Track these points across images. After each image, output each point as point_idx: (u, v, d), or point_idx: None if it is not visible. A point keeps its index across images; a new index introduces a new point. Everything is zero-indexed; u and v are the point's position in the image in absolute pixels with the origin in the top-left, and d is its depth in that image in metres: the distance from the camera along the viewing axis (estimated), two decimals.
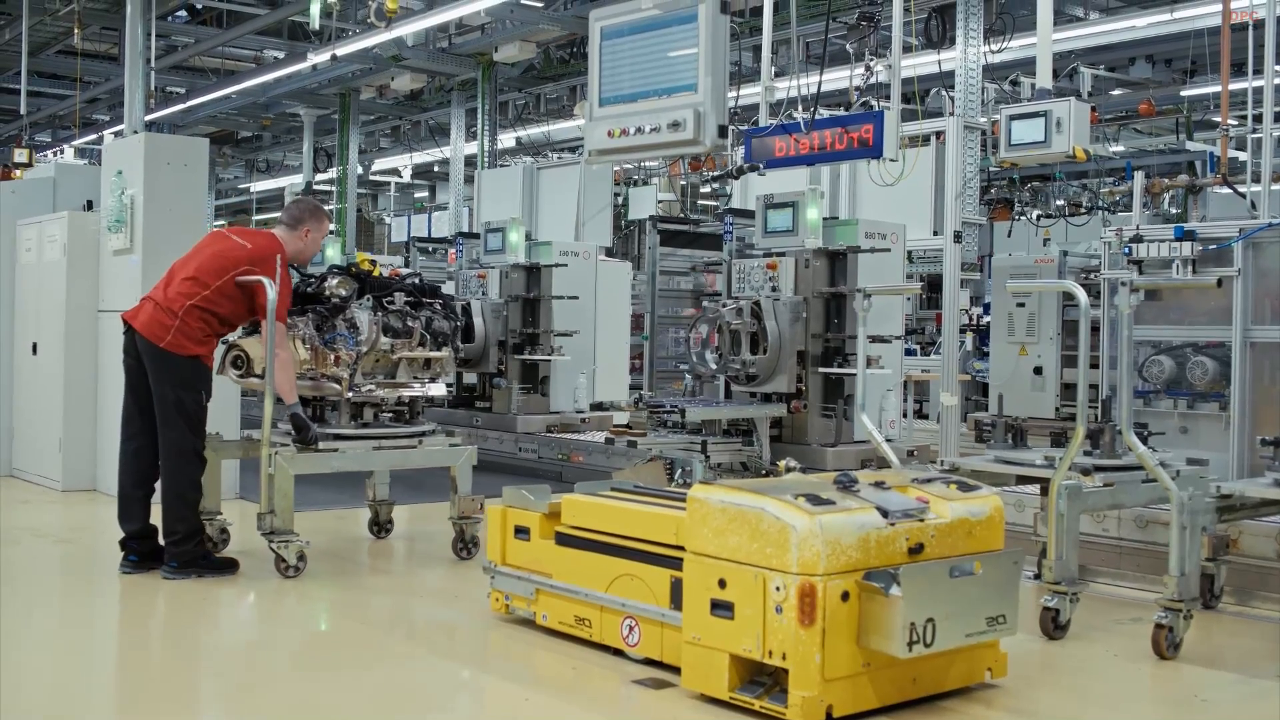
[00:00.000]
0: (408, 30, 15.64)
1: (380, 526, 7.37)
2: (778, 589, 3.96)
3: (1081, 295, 5.20)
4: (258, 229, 6.57)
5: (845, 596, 3.97)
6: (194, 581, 6.10)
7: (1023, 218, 17.11)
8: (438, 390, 7.00)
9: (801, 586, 3.91)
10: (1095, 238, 10.87)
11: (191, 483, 6.25)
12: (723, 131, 5.36)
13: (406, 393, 6.88)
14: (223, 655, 5.20)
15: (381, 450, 6.71)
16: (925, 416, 14.73)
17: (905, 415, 11.42)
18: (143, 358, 6.24)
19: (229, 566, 6.31)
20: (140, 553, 6.29)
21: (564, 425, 10.47)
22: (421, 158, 25.17)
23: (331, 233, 7.52)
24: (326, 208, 30.00)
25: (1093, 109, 6.98)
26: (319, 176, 24.51)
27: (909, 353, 13.81)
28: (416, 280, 7.22)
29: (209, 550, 6.37)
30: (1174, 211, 14.07)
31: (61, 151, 22.37)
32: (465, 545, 6.77)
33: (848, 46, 8.10)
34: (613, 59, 5.73)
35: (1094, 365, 8.87)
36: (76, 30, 14.04)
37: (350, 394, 6.63)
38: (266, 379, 6.15)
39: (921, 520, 4.24)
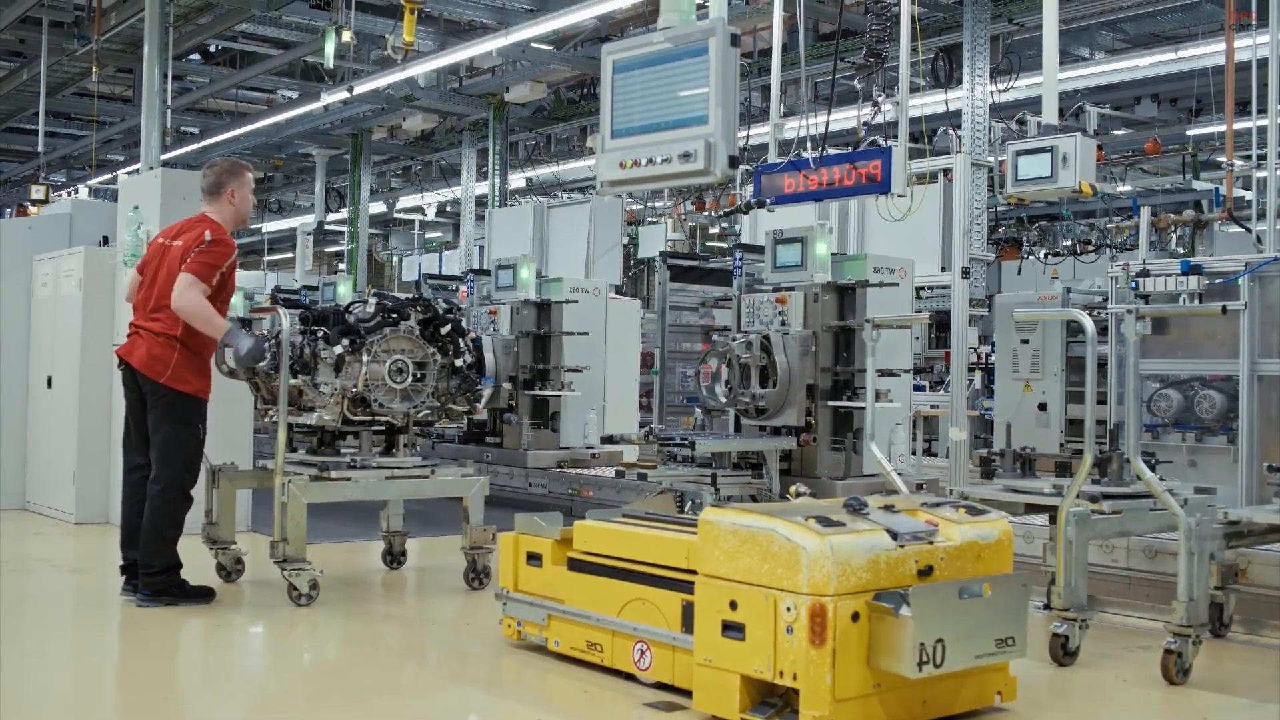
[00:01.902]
0: (420, 71, 15.83)
1: (394, 557, 7.41)
2: (788, 610, 4.00)
3: (1087, 322, 5.25)
4: (184, 221, 6.47)
5: (855, 617, 4.01)
6: (208, 611, 6.15)
7: (1030, 257, 17.20)
8: (304, 420, 6.74)
9: (812, 607, 3.95)
10: (1102, 275, 10.93)
11: (174, 521, 6.25)
12: (733, 162, 5.42)
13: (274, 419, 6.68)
14: (235, 682, 5.23)
15: (395, 480, 6.75)
16: (934, 454, 14.74)
17: (914, 453, 11.45)
18: (143, 392, 6.28)
19: (204, 595, 6.30)
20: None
21: (574, 461, 10.51)
22: (433, 197, 25.35)
23: (341, 270, 7.61)
24: (338, 249, 30.08)
25: (1099, 147, 7.05)
26: (331, 216, 24.67)
27: (918, 389, 13.84)
28: (382, 303, 6.92)
29: (183, 580, 6.29)
30: (1180, 250, 14.15)
31: (76, 191, 22.61)
32: (477, 575, 6.80)
33: (856, 83, 8.19)
34: (624, 92, 5.81)
35: (1101, 401, 8.91)
36: (94, 69, 14.20)
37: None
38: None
39: (931, 543, 4.28)
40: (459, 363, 7.00)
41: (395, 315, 6.87)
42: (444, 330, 6.96)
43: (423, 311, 6.99)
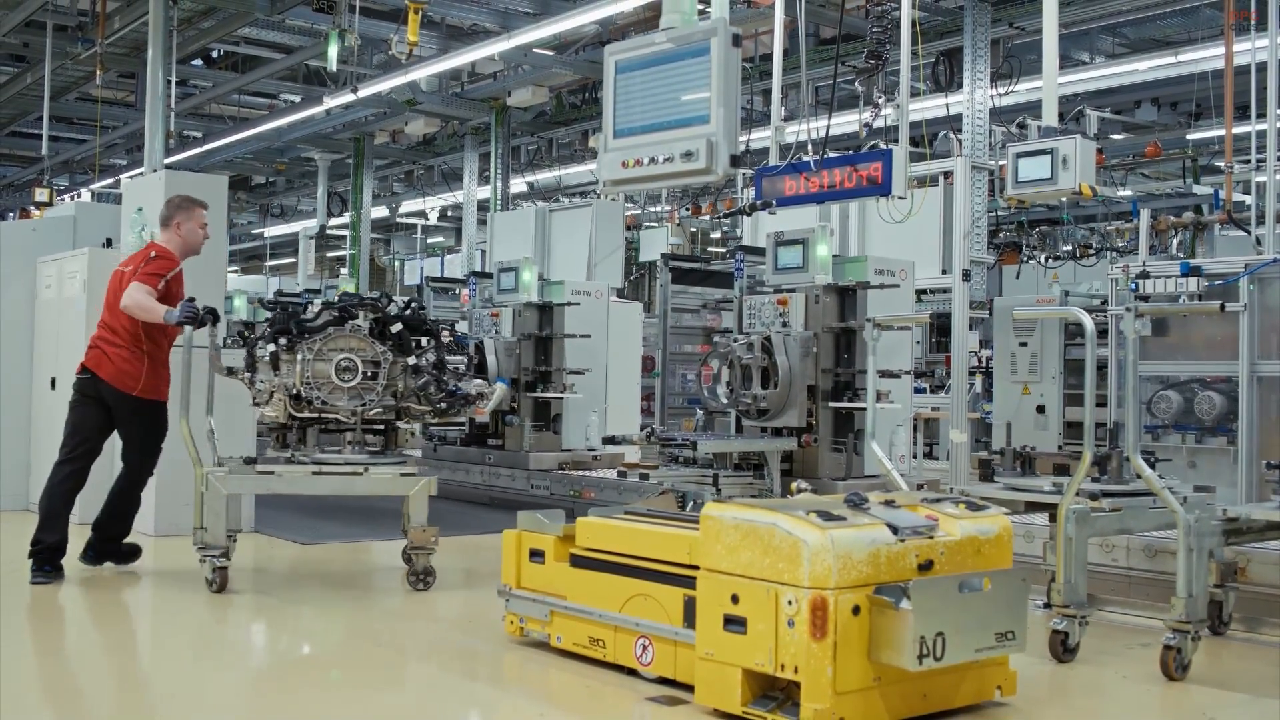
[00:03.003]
0: (422, 75, 15.89)
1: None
2: (790, 603, 4.02)
3: (1086, 320, 5.28)
4: (137, 252, 7.25)
5: (856, 610, 4.04)
6: (210, 607, 6.19)
7: (1030, 261, 17.23)
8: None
9: (813, 600, 3.98)
10: (1101, 280, 10.97)
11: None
12: (734, 161, 5.46)
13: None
14: (238, 676, 5.25)
15: (322, 476, 6.72)
16: (935, 458, 14.76)
17: (915, 456, 11.47)
18: (110, 405, 6.78)
19: (134, 554, 7.12)
20: (60, 554, 6.99)
21: (575, 462, 10.53)
22: (435, 201, 25.40)
23: (344, 274, 7.68)
24: (339, 253, 30.18)
25: (1099, 150, 7.09)
26: (333, 221, 24.71)
27: (918, 392, 13.86)
28: (330, 302, 7.10)
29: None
30: (1180, 254, 14.18)
31: (79, 195, 22.67)
32: (419, 576, 6.69)
33: (856, 87, 8.21)
34: (627, 92, 5.85)
35: (1101, 404, 8.93)
36: (98, 73, 14.25)
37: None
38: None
39: (931, 537, 4.31)
40: (413, 361, 6.96)
41: (343, 314, 6.93)
42: (394, 329, 6.98)
43: (372, 311, 6.99)
